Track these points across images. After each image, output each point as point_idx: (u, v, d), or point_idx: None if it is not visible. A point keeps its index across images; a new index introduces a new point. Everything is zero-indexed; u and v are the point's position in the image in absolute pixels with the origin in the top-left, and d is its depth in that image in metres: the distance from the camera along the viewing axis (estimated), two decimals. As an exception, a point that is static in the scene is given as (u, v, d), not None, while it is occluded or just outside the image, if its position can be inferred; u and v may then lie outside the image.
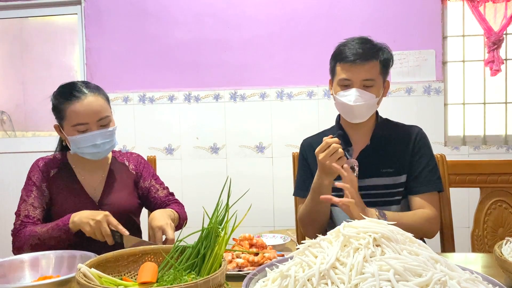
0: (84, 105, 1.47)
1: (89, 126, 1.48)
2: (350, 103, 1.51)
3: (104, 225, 1.34)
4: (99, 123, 1.50)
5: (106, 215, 1.36)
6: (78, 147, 1.50)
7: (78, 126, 1.48)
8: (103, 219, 1.34)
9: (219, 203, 1.03)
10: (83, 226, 1.35)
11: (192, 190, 3.06)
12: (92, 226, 1.34)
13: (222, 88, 3.08)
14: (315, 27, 3.00)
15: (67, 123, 1.49)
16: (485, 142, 2.99)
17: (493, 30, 2.84)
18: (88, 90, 1.51)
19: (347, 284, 0.83)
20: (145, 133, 3.10)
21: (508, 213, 1.71)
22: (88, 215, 1.37)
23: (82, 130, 1.48)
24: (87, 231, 1.35)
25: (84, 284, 0.84)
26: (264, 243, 1.30)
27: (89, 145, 1.49)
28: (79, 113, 1.47)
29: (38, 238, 1.40)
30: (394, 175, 1.57)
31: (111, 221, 1.36)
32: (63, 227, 1.39)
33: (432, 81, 2.94)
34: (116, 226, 1.36)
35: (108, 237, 1.35)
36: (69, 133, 1.50)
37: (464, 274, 0.90)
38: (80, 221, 1.36)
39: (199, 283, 0.83)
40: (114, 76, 3.09)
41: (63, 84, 1.57)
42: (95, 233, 1.35)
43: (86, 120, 1.47)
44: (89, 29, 3.16)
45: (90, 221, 1.34)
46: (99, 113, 1.49)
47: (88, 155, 1.51)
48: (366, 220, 0.97)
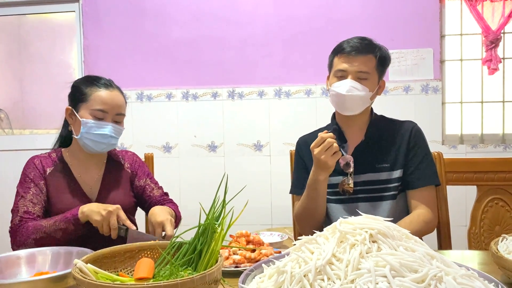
0: (111, 95, 1.55)
1: (106, 116, 1.53)
2: (343, 93, 1.53)
3: (114, 217, 1.36)
4: (116, 118, 1.56)
5: (118, 208, 1.38)
6: (88, 132, 1.51)
7: (97, 112, 1.52)
8: (114, 211, 1.36)
9: (215, 200, 1.03)
10: (93, 216, 1.36)
11: (190, 188, 3.06)
12: (103, 216, 1.35)
13: (220, 86, 3.08)
14: (313, 26, 3.01)
15: (87, 106, 1.53)
16: (482, 141, 2.99)
17: (491, 29, 2.84)
18: (116, 87, 1.60)
19: (343, 280, 0.83)
20: (142, 131, 3.10)
21: (505, 211, 1.71)
22: (99, 205, 1.39)
23: (99, 117, 1.52)
24: (95, 221, 1.36)
25: (80, 280, 0.84)
26: (261, 240, 1.30)
27: (100, 133, 1.51)
28: (104, 100, 1.52)
29: (44, 232, 1.39)
30: (389, 170, 1.58)
31: (121, 214, 1.38)
32: (71, 218, 1.39)
33: (430, 80, 2.95)
34: (125, 221, 1.37)
35: (114, 230, 1.36)
36: (85, 116, 1.52)
37: (460, 270, 0.90)
38: (91, 210, 1.37)
39: (195, 278, 0.83)
40: (112, 74, 3.02)
41: (90, 75, 1.66)
42: (103, 224, 1.35)
43: (107, 109, 1.53)
44: (87, 27, 3.15)
45: (101, 211, 1.36)
46: (119, 108, 1.56)
47: (93, 143, 1.52)
48: (362, 217, 0.97)
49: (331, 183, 1.58)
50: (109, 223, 1.35)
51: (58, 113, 3.17)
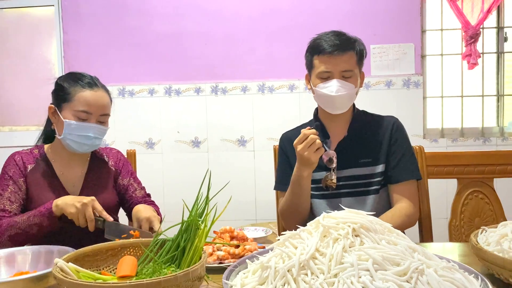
0: (96, 96, 1.50)
1: (90, 117, 1.49)
2: (332, 94, 1.52)
3: (90, 209, 1.33)
4: (100, 118, 1.52)
5: (93, 199, 1.36)
6: (71, 133, 1.48)
7: (81, 113, 1.48)
8: (89, 202, 1.34)
9: (199, 196, 1.02)
10: (67, 209, 1.33)
11: (173, 184, 3.04)
12: (78, 208, 1.32)
13: (203, 82, 3.06)
14: (296, 21, 3.00)
15: (70, 106, 1.49)
16: (462, 135, 3.04)
17: (470, 24, 2.88)
18: (101, 85, 1.55)
19: (326, 274, 0.84)
20: (125, 127, 3.06)
21: (484, 203, 1.75)
22: (74, 198, 1.36)
23: (83, 118, 1.48)
24: (71, 213, 1.33)
25: (61, 279, 0.82)
26: (245, 235, 1.30)
27: (83, 134, 1.48)
28: (89, 101, 1.48)
29: (18, 227, 1.36)
30: (372, 165, 1.59)
31: (96, 206, 1.36)
32: (45, 212, 1.36)
33: (411, 75, 2.98)
34: (101, 212, 1.35)
35: (92, 222, 1.34)
36: (67, 117, 1.48)
37: (441, 262, 0.92)
38: (65, 203, 1.34)
39: (179, 276, 0.82)
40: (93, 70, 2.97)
41: (74, 72, 1.61)
42: (79, 216, 1.33)
43: (91, 110, 1.49)
44: (66, 21, 3.09)
45: (76, 203, 1.33)
46: (104, 108, 1.52)
47: (76, 144, 1.49)
48: (345, 211, 0.98)
49: (315, 179, 1.58)
50: (85, 215, 1.33)
51: (38, 109, 3.12)
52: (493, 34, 3.06)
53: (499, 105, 3.08)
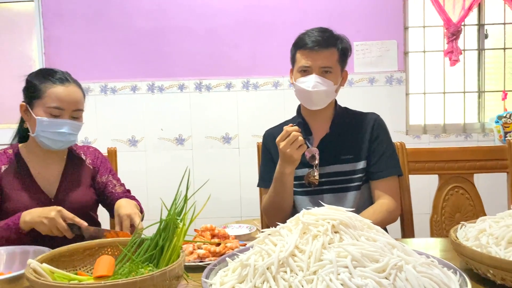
0: (68, 91, 1.47)
1: (63, 113, 1.46)
2: (309, 89, 1.53)
3: (59, 221, 1.28)
4: (73, 114, 1.49)
5: (59, 211, 1.30)
6: (44, 130, 1.44)
7: (53, 110, 1.45)
8: (56, 216, 1.28)
9: (178, 194, 1.01)
10: (37, 226, 1.30)
11: (157, 182, 3.01)
12: (46, 225, 1.28)
13: (187, 78, 3.03)
14: (280, 18, 3.00)
15: (41, 103, 1.45)
16: (445, 131, 3.07)
17: (452, 21, 2.91)
18: (72, 80, 1.52)
19: (305, 271, 0.84)
20: (107, 124, 3.02)
21: (465, 198, 1.76)
22: (40, 213, 1.30)
23: (55, 114, 1.45)
24: (43, 230, 1.30)
25: (33, 281, 0.80)
26: (226, 233, 1.29)
27: (56, 131, 1.45)
28: (60, 97, 1.45)
29: None
30: (353, 161, 1.60)
31: (66, 215, 1.31)
32: (13, 227, 1.32)
33: (394, 71, 2.99)
34: (73, 219, 1.31)
35: (66, 231, 1.30)
36: (40, 114, 1.45)
37: (420, 258, 0.92)
38: (33, 220, 1.30)
39: (155, 275, 0.81)
40: (74, 66, 2.98)
41: (44, 68, 1.57)
42: (52, 230, 1.29)
43: (64, 106, 1.46)
44: (47, 17, 3.04)
45: (43, 220, 1.28)
46: (77, 104, 1.49)
47: (50, 141, 1.46)
48: (325, 207, 0.98)
49: (297, 175, 1.58)
50: (58, 228, 1.29)
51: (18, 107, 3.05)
52: (474, 31, 3.10)
53: (480, 102, 3.12)
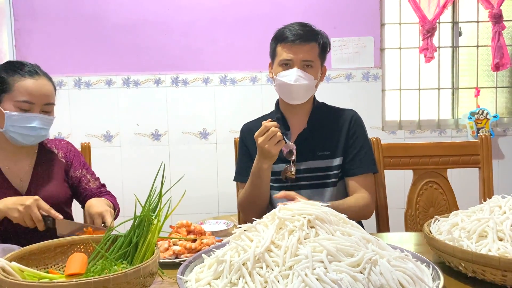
0: (37, 84, 1.42)
1: (33, 107, 1.42)
2: (291, 82, 1.53)
3: (35, 210, 1.26)
4: (44, 108, 1.44)
5: (36, 199, 1.28)
6: (13, 125, 1.40)
7: (22, 104, 1.40)
8: (33, 204, 1.26)
9: (152, 190, 0.99)
10: (10, 213, 1.26)
11: (132, 178, 2.97)
12: (21, 212, 1.25)
13: (163, 73, 2.99)
14: (257, 13, 2.98)
15: (10, 97, 1.40)
16: (420, 127, 3.12)
17: (427, 18, 2.95)
18: (42, 73, 1.47)
19: (281, 266, 0.84)
20: (81, 119, 2.95)
21: (438, 193, 1.80)
22: (15, 200, 1.28)
23: (25, 108, 1.41)
24: (15, 218, 1.26)
25: (2, 280, 0.78)
26: (203, 229, 1.28)
27: (26, 125, 1.40)
28: (30, 90, 1.41)
29: None
30: (330, 157, 1.61)
31: (42, 205, 1.28)
32: None
33: (370, 68, 3.02)
34: (48, 211, 1.29)
35: (39, 222, 1.27)
36: (8, 109, 1.40)
37: (394, 252, 0.93)
38: (6, 207, 1.27)
39: (129, 272, 0.79)
40: (47, 59, 2.90)
41: (12, 60, 1.52)
42: (24, 219, 1.26)
43: (34, 100, 1.41)
44: (17, 8, 2.94)
45: (18, 207, 1.25)
46: (47, 97, 1.45)
47: (20, 136, 1.42)
48: (301, 203, 0.98)
49: (274, 171, 1.58)
50: (31, 217, 1.26)
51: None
52: (448, 28, 3.15)
53: (454, 98, 3.19)
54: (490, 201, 1.14)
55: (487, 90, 3.18)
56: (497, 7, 2.93)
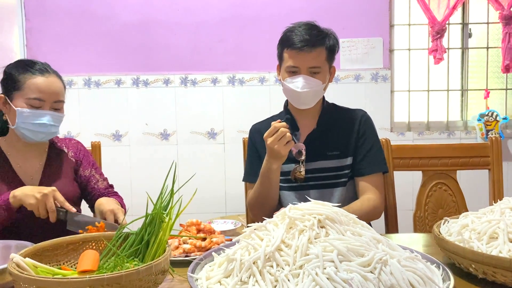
0: (48, 82, 1.45)
1: (44, 104, 1.44)
2: (298, 90, 1.52)
3: (51, 200, 1.29)
4: (54, 105, 1.47)
5: (54, 190, 1.31)
6: (24, 121, 1.42)
7: (33, 101, 1.43)
8: (50, 193, 1.29)
9: (163, 189, 1.00)
10: (26, 200, 1.29)
11: (141, 177, 2.99)
12: (37, 199, 1.28)
13: (172, 73, 3.00)
14: (266, 13, 2.99)
15: (21, 95, 1.43)
16: (428, 128, 3.11)
17: (437, 19, 2.94)
18: (52, 71, 1.50)
19: (292, 265, 0.84)
20: (90, 118, 2.98)
21: (447, 194, 1.79)
22: (33, 188, 1.32)
23: (36, 106, 1.43)
24: (30, 204, 1.28)
25: (17, 275, 0.79)
26: (212, 228, 1.29)
27: (37, 122, 1.43)
28: (40, 88, 1.43)
29: None
30: (340, 157, 1.60)
31: (58, 196, 1.31)
32: (2, 204, 1.31)
33: (379, 69, 3.02)
34: (63, 203, 1.31)
35: (53, 212, 1.29)
36: (19, 106, 1.42)
37: (405, 253, 0.93)
38: (24, 194, 1.30)
39: (141, 269, 0.80)
40: (58, 59, 2.93)
41: (23, 59, 1.55)
42: (39, 207, 1.29)
43: (44, 97, 1.44)
44: (29, 8, 2.97)
45: (36, 194, 1.28)
46: (58, 95, 1.47)
47: (31, 133, 1.44)
48: (311, 202, 0.98)
49: (283, 171, 1.58)
50: (46, 206, 1.29)
51: None
52: (458, 30, 3.14)
53: (463, 100, 3.17)
54: (501, 202, 1.14)
55: (497, 92, 3.16)
56: (507, 8, 2.91)
